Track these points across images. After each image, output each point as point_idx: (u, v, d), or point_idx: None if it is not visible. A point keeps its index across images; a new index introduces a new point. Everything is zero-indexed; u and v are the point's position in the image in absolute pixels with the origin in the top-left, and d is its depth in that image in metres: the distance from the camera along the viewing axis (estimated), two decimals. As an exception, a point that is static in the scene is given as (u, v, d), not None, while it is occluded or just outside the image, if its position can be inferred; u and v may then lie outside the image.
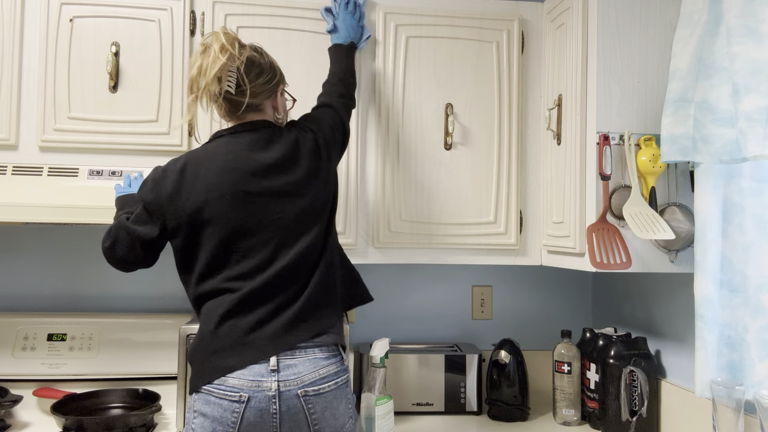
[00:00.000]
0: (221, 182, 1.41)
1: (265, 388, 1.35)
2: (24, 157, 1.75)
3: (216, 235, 1.40)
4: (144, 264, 1.49)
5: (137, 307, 2.09)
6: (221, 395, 1.34)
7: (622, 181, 1.65)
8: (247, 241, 1.41)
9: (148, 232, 1.44)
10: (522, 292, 2.29)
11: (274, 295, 1.41)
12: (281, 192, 1.44)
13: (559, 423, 1.92)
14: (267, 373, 1.35)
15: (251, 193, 1.42)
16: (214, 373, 1.36)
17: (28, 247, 2.06)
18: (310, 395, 1.37)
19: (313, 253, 1.46)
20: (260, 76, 1.47)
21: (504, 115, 1.92)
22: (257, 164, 1.43)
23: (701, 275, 1.47)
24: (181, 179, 1.42)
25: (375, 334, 2.22)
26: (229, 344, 1.37)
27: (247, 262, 1.41)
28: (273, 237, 1.42)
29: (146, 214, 1.44)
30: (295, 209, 1.44)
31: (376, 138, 1.88)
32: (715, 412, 1.44)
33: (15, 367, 1.89)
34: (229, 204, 1.40)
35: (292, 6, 1.85)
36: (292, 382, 1.36)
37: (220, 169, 1.42)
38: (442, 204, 1.89)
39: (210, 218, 1.40)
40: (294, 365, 1.38)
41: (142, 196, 1.44)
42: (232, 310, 1.39)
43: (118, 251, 1.47)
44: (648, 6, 1.66)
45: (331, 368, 1.42)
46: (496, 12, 1.93)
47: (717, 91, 1.43)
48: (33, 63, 1.76)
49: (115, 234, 1.47)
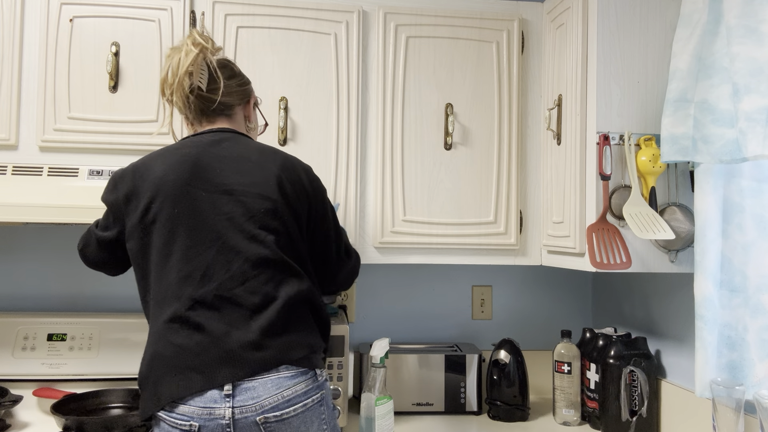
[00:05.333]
0: (169, 178, 1.31)
1: (217, 416, 1.19)
2: (24, 157, 1.75)
3: (161, 235, 1.29)
4: (117, 267, 1.46)
5: (137, 307, 2.09)
6: (172, 424, 1.21)
7: (622, 181, 1.65)
8: (188, 240, 1.28)
9: (109, 235, 1.39)
10: (522, 292, 2.29)
11: (225, 308, 1.25)
12: (235, 190, 1.30)
13: (559, 423, 1.92)
14: (220, 398, 1.20)
15: (199, 187, 1.30)
16: (161, 400, 1.22)
17: (28, 247, 2.06)
18: (271, 422, 1.21)
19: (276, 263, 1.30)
20: (233, 78, 1.44)
21: (504, 115, 1.92)
22: (211, 158, 1.33)
23: (701, 275, 1.47)
24: (135, 178, 1.34)
25: (375, 334, 2.22)
26: (177, 366, 1.22)
27: (185, 267, 1.27)
28: (218, 238, 1.28)
29: (109, 217, 1.40)
30: (251, 209, 1.30)
31: (376, 138, 1.88)
32: (715, 412, 1.44)
33: (15, 367, 1.89)
34: (173, 200, 1.29)
35: (292, 6, 1.85)
36: (249, 408, 1.20)
37: (171, 164, 1.32)
38: (442, 204, 1.89)
39: (156, 216, 1.30)
40: (252, 388, 1.21)
41: (104, 198, 1.40)
42: (177, 327, 1.24)
43: (88, 254, 1.46)
44: (648, 6, 1.66)
45: (299, 388, 1.25)
46: (496, 12, 1.93)
47: (717, 91, 1.43)
48: (33, 63, 1.76)
49: (86, 237, 1.47)
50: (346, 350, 1.82)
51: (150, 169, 1.34)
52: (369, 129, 1.89)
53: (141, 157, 1.41)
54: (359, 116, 1.87)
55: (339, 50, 1.86)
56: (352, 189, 1.85)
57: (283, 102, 1.82)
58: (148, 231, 1.32)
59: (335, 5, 1.86)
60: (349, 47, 1.87)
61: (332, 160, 1.85)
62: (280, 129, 1.81)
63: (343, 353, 1.81)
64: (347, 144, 1.85)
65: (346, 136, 1.86)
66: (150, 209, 1.31)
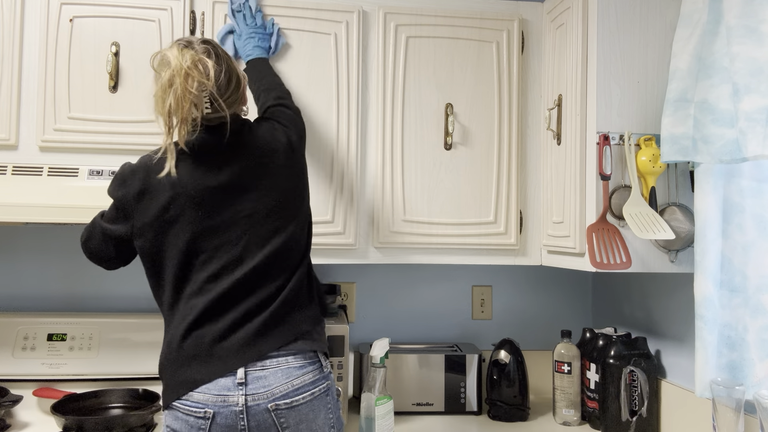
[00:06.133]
0: (187, 180, 1.35)
1: (231, 403, 1.27)
2: (24, 157, 1.75)
3: (181, 236, 1.34)
4: (119, 261, 1.47)
5: (137, 307, 2.09)
6: (187, 411, 1.28)
7: (622, 181, 1.65)
8: (214, 240, 1.34)
9: (117, 229, 1.40)
10: (522, 292, 2.29)
11: (243, 299, 1.33)
12: (251, 187, 1.37)
13: (559, 423, 1.92)
14: (234, 386, 1.28)
15: (217, 188, 1.35)
16: (181, 388, 1.29)
17: (28, 247, 2.06)
18: (282, 409, 1.29)
19: (290, 252, 1.39)
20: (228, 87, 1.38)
21: (504, 115, 1.92)
22: (225, 159, 1.37)
23: (701, 275, 1.47)
24: (150, 176, 1.37)
25: (375, 334, 2.22)
26: (194, 356, 1.30)
27: (214, 264, 1.34)
28: (242, 235, 1.35)
29: (116, 211, 1.41)
30: (267, 205, 1.38)
31: (376, 138, 1.88)
32: (715, 412, 1.44)
33: (15, 367, 1.89)
34: (195, 201, 1.34)
35: (292, 6, 1.85)
36: (261, 396, 1.28)
37: (186, 165, 1.36)
38: (442, 204, 1.89)
39: (177, 217, 1.34)
40: (264, 377, 1.30)
41: (111, 193, 1.41)
42: (199, 319, 1.31)
43: (92, 247, 1.47)
44: (648, 6, 1.66)
45: (307, 377, 1.33)
46: (496, 12, 1.93)
47: (717, 91, 1.43)
48: (33, 63, 1.76)
49: (90, 229, 1.47)
50: (346, 350, 1.82)
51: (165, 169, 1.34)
52: (369, 129, 1.89)
53: (148, 154, 1.42)
54: (359, 116, 1.87)
55: (339, 50, 1.86)
56: (352, 189, 1.85)
57: (283, 102, 1.82)
58: (164, 230, 1.35)
59: (335, 5, 1.86)
60: (349, 47, 1.87)
61: (332, 160, 1.85)
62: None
63: (343, 353, 1.81)
64: (347, 144, 1.85)
65: (346, 135, 1.86)
66: (169, 209, 1.34)
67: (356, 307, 2.21)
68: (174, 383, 1.31)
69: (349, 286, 2.21)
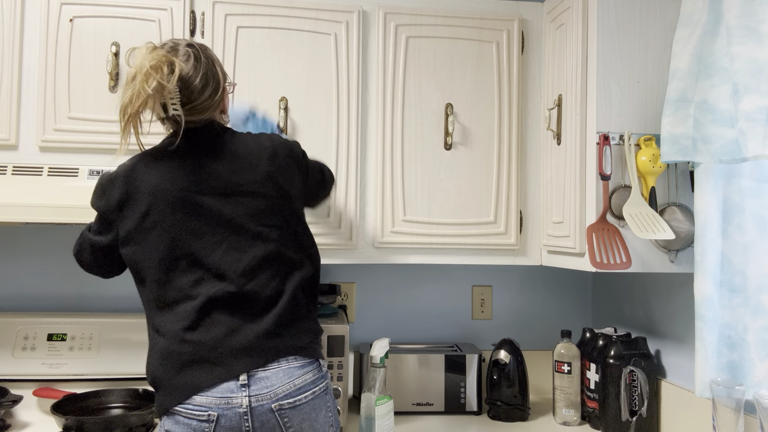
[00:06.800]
0: (165, 185, 1.34)
1: (235, 405, 1.26)
2: (24, 157, 1.75)
3: (162, 241, 1.33)
4: (113, 270, 1.47)
5: (137, 307, 2.09)
6: (189, 415, 1.26)
7: (622, 181, 1.65)
8: (195, 244, 1.33)
9: (103, 240, 1.41)
10: (522, 292, 2.29)
11: (235, 304, 1.32)
12: (232, 192, 1.35)
13: (559, 423, 1.92)
14: (237, 388, 1.27)
15: (197, 193, 1.34)
16: (181, 393, 1.27)
17: (28, 247, 2.06)
18: (286, 408, 1.29)
19: (280, 258, 1.37)
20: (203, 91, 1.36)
21: (504, 115, 1.92)
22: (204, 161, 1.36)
23: (701, 275, 1.47)
24: (127, 184, 1.36)
25: (375, 334, 2.22)
26: (193, 361, 1.28)
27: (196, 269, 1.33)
28: (222, 240, 1.33)
29: (100, 222, 1.41)
30: (250, 209, 1.35)
31: (376, 138, 1.88)
32: (715, 412, 1.44)
33: (15, 367, 1.89)
34: (173, 207, 1.33)
35: (292, 6, 1.85)
36: (265, 396, 1.28)
37: (167, 171, 1.35)
38: (442, 204, 1.89)
39: (156, 223, 1.33)
40: (266, 377, 1.29)
41: (93, 204, 1.41)
42: (193, 324, 1.30)
43: (84, 259, 1.48)
44: (648, 6, 1.66)
45: (308, 377, 1.33)
46: (496, 12, 1.93)
47: (717, 91, 1.43)
48: (33, 63, 1.76)
49: (80, 242, 1.48)
50: (346, 350, 1.82)
51: (144, 175, 1.36)
52: (369, 129, 1.89)
53: (127, 160, 1.41)
54: (359, 116, 1.87)
55: (339, 50, 1.86)
56: (352, 189, 1.85)
57: (283, 102, 1.82)
58: (145, 237, 1.34)
59: (335, 5, 1.86)
60: (349, 47, 1.87)
61: (332, 160, 1.85)
62: (280, 129, 1.81)
63: (343, 353, 1.81)
64: (347, 144, 1.85)
65: (346, 136, 1.86)
66: (148, 216, 1.34)
67: (356, 307, 2.21)
68: (172, 388, 1.29)
69: (349, 286, 2.21)
